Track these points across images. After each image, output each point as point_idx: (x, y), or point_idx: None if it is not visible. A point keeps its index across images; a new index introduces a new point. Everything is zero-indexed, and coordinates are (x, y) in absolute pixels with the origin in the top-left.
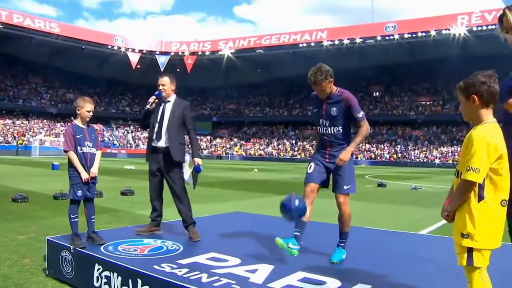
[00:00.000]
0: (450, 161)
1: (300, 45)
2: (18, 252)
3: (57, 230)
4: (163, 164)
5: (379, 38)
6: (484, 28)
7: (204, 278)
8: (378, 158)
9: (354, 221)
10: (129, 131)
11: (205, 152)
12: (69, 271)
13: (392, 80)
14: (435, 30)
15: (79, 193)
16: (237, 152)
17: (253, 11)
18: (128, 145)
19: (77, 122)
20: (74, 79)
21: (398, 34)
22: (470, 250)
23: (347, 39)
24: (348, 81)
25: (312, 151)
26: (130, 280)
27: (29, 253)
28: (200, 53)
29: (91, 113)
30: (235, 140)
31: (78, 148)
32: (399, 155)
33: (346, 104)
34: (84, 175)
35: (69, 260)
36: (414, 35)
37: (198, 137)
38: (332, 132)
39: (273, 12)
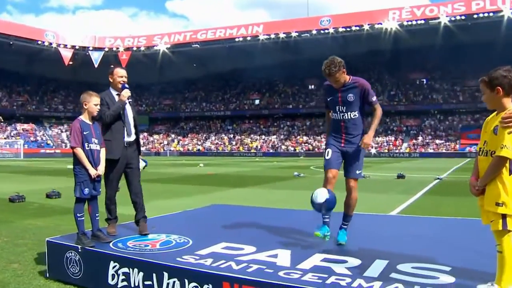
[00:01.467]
0: (386, 150)
1: (237, 39)
2: (0, 257)
3: (33, 232)
4: (130, 158)
5: (314, 32)
6: (414, 22)
7: (234, 265)
8: (316, 149)
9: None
10: (63, 130)
11: (143, 149)
12: (77, 271)
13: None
14: (368, 24)
15: (86, 191)
16: (175, 148)
17: (186, 6)
18: (63, 144)
19: (84, 118)
20: (2, 77)
21: (333, 28)
22: (504, 217)
23: (283, 33)
24: (284, 75)
25: (251, 144)
26: (154, 275)
27: (14, 258)
28: (135, 48)
29: (98, 107)
30: (173, 136)
31: (86, 145)
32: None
33: (361, 89)
34: (93, 171)
35: (77, 260)
36: (348, 29)
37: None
38: (350, 117)
39: (205, 7)
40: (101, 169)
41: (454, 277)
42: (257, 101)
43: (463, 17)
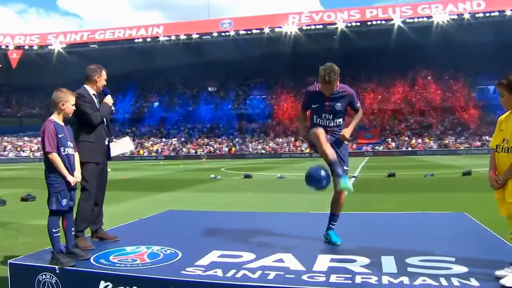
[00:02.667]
0: (286, 151)
1: (136, 40)
2: None
3: None
4: (104, 164)
5: (215, 34)
6: (313, 27)
7: (250, 274)
8: (217, 152)
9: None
10: None
11: (37, 154)
12: None
13: (227, 75)
14: (269, 28)
15: (64, 202)
16: None
17: (78, 4)
18: None
19: (57, 119)
20: None
21: (234, 31)
22: None
23: (184, 34)
24: (184, 76)
25: (151, 148)
26: None
27: None
28: (27, 47)
29: (74, 107)
30: None
31: (62, 149)
32: (237, 147)
33: (350, 98)
34: (72, 178)
35: (53, 283)
36: (249, 32)
37: (30, 138)
38: (335, 124)
39: (100, 6)
40: (79, 175)
41: (464, 266)
42: (156, 103)
43: (358, 24)
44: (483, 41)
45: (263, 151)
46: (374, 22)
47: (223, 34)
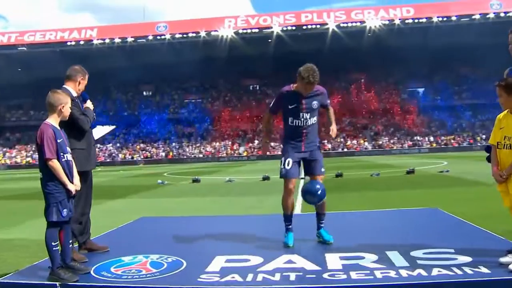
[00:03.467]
0: (224, 155)
1: (69, 43)
2: None
3: None
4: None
5: (150, 37)
6: (249, 31)
7: (270, 277)
8: (155, 156)
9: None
10: None
11: None
12: None
13: (163, 79)
14: (205, 31)
15: (65, 212)
16: (0, 161)
17: (3, 4)
18: None
19: (54, 122)
20: None
21: (170, 34)
22: None
23: (119, 38)
24: (119, 81)
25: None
26: None
27: None
28: None
29: (70, 110)
30: None
31: (61, 155)
32: (175, 152)
33: (324, 96)
34: (73, 186)
35: None
36: (185, 36)
37: None
38: (311, 122)
39: (26, 7)
40: (78, 183)
41: (467, 256)
42: None
43: (293, 28)
44: (412, 45)
45: (201, 155)
46: (309, 26)
47: (158, 37)
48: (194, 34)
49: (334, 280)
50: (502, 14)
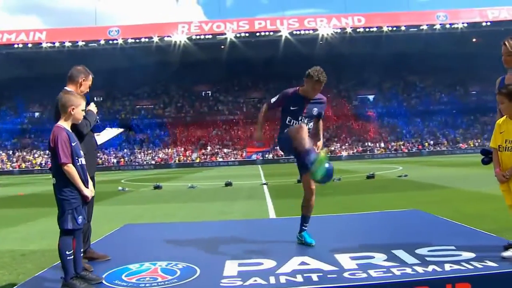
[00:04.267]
0: (177, 161)
1: (16, 45)
2: None
3: None
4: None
5: (102, 42)
6: (202, 37)
7: (293, 279)
8: (106, 163)
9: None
10: None
11: None
12: None
13: (113, 85)
14: (158, 37)
15: (80, 219)
16: None
17: None
18: None
19: (66, 125)
20: None
21: (122, 39)
22: None
23: (69, 41)
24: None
25: (34, 160)
26: None
27: None
28: None
29: (84, 113)
30: None
31: (76, 159)
32: (126, 159)
33: (324, 106)
34: (88, 192)
35: None
36: (137, 41)
37: None
38: (309, 127)
39: None
40: (92, 188)
41: (469, 252)
42: (37, 114)
43: (247, 34)
44: (363, 53)
45: (153, 162)
46: (262, 33)
47: (110, 42)
48: (146, 39)
49: (356, 278)
50: (447, 26)
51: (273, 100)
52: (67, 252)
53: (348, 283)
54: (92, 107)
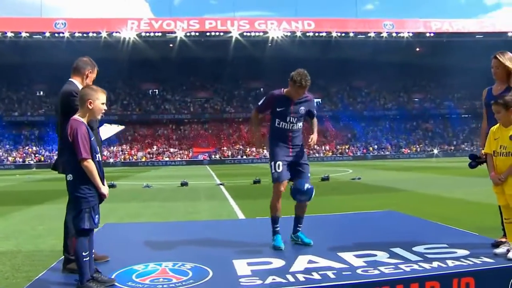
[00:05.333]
0: (122, 160)
1: None
2: None
3: None
4: None
5: (48, 34)
6: (152, 34)
7: (310, 277)
8: (48, 160)
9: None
10: None
11: None
12: None
13: (58, 79)
14: (106, 32)
15: (97, 218)
16: None
17: None
18: None
19: (84, 120)
20: None
21: (69, 32)
22: None
23: (11, 32)
24: (9, 79)
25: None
26: None
27: None
28: None
29: (105, 107)
30: None
31: (95, 155)
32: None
33: (311, 103)
34: (106, 190)
35: None
36: (85, 35)
37: None
38: (297, 128)
39: None
40: (107, 186)
41: (463, 249)
42: None
43: (197, 34)
44: (311, 58)
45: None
46: (212, 33)
47: (56, 34)
48: (94, 34)
49: (371, 275)
50: (394, 34)
51: (259, 103)
52: (83, 254)
53: (365, 280)
54: None
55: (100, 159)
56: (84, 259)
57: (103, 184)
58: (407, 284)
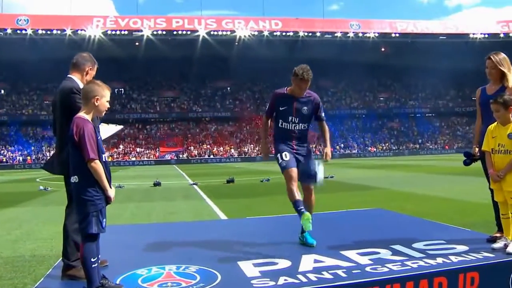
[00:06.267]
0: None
1: None
2: None
3: None
4: None
5: (9, 31)
6: (118, 32)
7: (322, 276)
8: (10, 161)
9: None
10: None
11: None
12: None
13: (20, 78)
14: (71, 29)
15: (105, 222)
16: None
17: None
18: None
19: (89, 117)
20: None
21: (31, 29)
22: None
23: None
24: None
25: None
26: None
27: None
28: None
29: (108, 104)
30: None
31: (101, 155)
32: (33, 157)
33: (316, 103)
34: (112, 192)
35: None
36: (49, 32)
37: None
38: (301, 128)
39: None
40: (114, 189)
41: (462, 245)
42: None
43: (164, 32)
44: (278, 57)
45: None
46: (180, 32)
47: (18, 31)
48: (59, 32)
49: (381, 272)
50: (360, 34)
51: (267, 108)
52: (92, 260)
53: (376, 278)
54: None
55: (106, 159)
56: (93, 265)
57: (110, 186)
58: (417, 280)
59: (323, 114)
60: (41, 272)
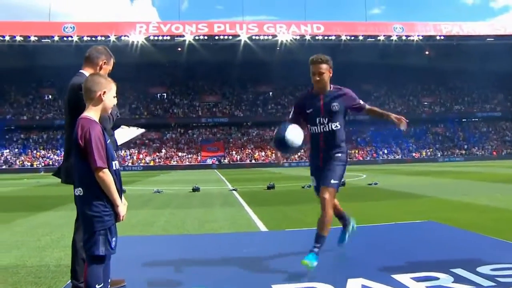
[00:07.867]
0: (130, 164)
1: None
2: None
3: None
4: None
5: (56, 38)
6: (161, 38)
7: None
8: (57, 164)
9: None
10: None
11: None
12: None
13: (66, 83)
14: (115, 36)
15: (114, 242)
16: None
17: None
18: None
19: (96, 117)
20: None
21: (77, 36)
22: None
23: (20, 36)
24: (17, 82)
25: None
26: None
27: None
28: None
29: (115, 101)
30: None
31: (111, 163)
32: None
33: (347, 98)
34: (123, 209)
35: None
36: (93, 39)
37: None
38: (330, 128)
39: None
40: (125, 201)
41: None
42: None
43: (205, 37)
44: None
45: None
46: (221, 37)
47: (65, 38)
48: (103, 38)
49: None
50: (404, 37)
51: (291, 113)
52: (97, 286)
53: None
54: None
55: (118, 167)
56: None
57: (121, 200)
58: None
59: (361, 101)
60: (61, 285)
